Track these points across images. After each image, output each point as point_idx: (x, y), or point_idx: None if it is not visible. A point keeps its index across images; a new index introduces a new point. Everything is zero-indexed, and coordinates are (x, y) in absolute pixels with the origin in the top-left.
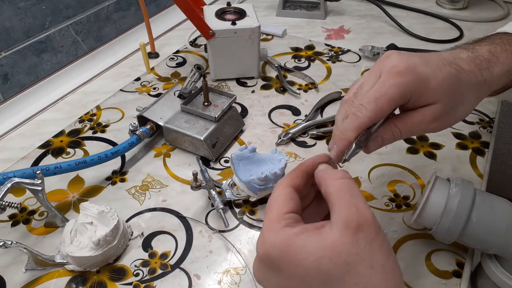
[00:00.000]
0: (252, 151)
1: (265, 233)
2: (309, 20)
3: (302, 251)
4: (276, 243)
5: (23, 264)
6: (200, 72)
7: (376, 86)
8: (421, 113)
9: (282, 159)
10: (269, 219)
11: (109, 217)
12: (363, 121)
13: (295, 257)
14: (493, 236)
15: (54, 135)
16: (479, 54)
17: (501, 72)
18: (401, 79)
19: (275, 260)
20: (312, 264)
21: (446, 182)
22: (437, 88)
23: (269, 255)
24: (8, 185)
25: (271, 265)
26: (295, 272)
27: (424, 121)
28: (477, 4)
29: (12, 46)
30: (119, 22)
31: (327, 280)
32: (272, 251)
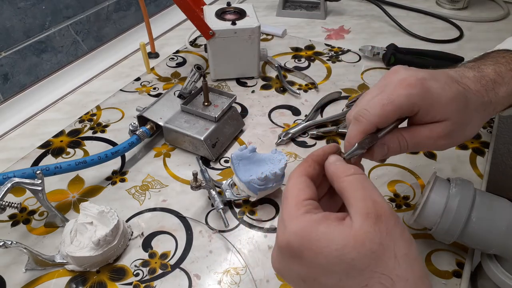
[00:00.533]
0: (252, 151)
1: (285, 221)
2: (309, 20)
3: (325, 238)
4: (297, 230)
5: (23, 264)
6: (200, 72)
7: (383, 94)
8: (430, 129)
9: (282, 159)
10: (288, 207)
11: (109, 217)
12: (365, 126)
13: (317, 244)
14: (493, 236)
15: (54, 135)
16: (485, 74)
17: (506, 93)
18: (411, 90)
19: (296, 248)
20: (334, 252)
21: (446, 182)
22: (446, 105)
23: (290, 243)
24: (8, 185)
25: (292, 254)
26: (316, 260)
27: (432, 136)
28: (477, 4)
29: (12, 46)
30: (119, 22)
31: (350, 269)
32: (293, 238)
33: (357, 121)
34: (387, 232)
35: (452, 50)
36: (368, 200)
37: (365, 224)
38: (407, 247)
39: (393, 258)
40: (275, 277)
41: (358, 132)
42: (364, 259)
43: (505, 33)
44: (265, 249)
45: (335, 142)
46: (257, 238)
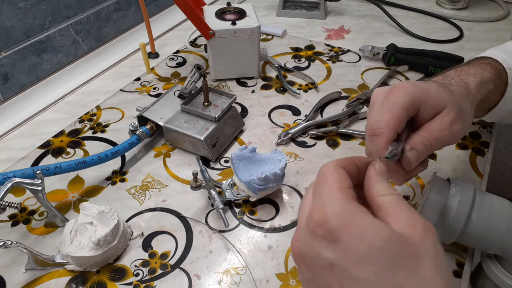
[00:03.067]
0: (252, 151)
1: (325, 199)
2: (309, 20)
3: (370, 227)
4: (340, 211)
5: (23, 264)
6: (200, 72)
7: (384, 103)
8: (439, 120)
9: (282, 159)
10: (330, 189)
11: (109, 217)
12: (385, 135)
13: (362, 231)
14: (493, 236)
15: (54, 135)
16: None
17: (476, 82)
18: (407, 90)
19: (335, 228)
20: (379, 241)
21: (446, 182)
22: (439, 94)
23: (328, 223)
24: (8, 185)
25: (328, 235)
26: (356, 246)
27: (445, 125)
28: (477, 4)
29: (12, 46)
30: (119, 22)
31: (390, 264)
32: (334, 219)
33: (374, 136)
34: (433, 243)
35: (452, 50)
36: (414, 215)
37: (412, 230)
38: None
39: (434, 267)
40: (275, 277)
41: (382, 143)
42: (406, 259)
43: (505, 33)
44: (265, 249)
45: (335, 142)
46: (257, 238)
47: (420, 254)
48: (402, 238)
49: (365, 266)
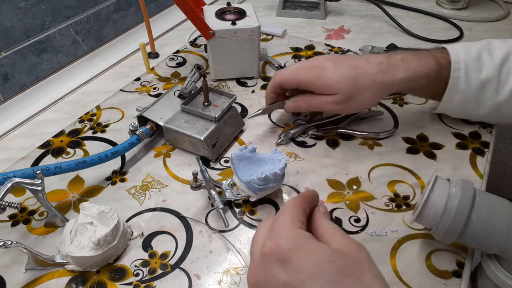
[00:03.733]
0: (252, 151)
1: (276, 230)
2: (309, 20)
3: (316, 248)
4: (290, 237)
5: (23, 264)
6: (200, 72)
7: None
8: (324, 98)
9: (282, 159)
10: (282, 221)
11: (109, 217)
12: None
13: (309, 250)
14: (493, 236)
15: (54, 135)
16: (391, 59)
17: (404, 76)
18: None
19: (285, 250)
20: (325, 257)
21: (446, 182)
22: (336, 83)
23: (279, 247)
24: (8, 185)
25: (280, 258)
26: (307, 263)
27: (325, 102)
28: (477, 4)
29: (12, 46)
30: (119, 22)
31: (337, 275)
32: (284, 242)
33: (272, 79)
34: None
35: None
36: (348, 238)
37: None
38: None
39: (372, 276)
40: None
41: (269, 86)
42: (349, 269)
43: (505, 33)
44: None
45: (335, 142)
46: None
47: (359, 265)
48: (343, 253)
49: (316, 279)
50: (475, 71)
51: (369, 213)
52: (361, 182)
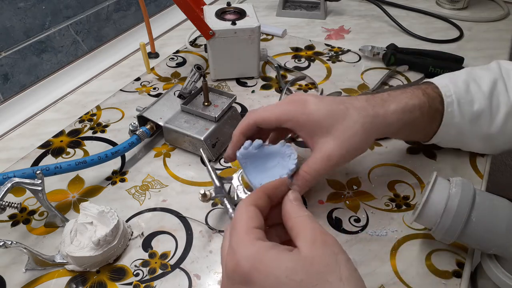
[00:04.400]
0: (258, 147)
1: (234, 247)
2: (309, 20)
3: (275, 261)
4: (247, 255)
5: (23, 264)
6: (200, 72)
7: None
8: (318, 151)
9: (292, 154)
10: (238, 234)
11: (109, 217)
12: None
13: (268, 266)
14: (493, 236)
15: (54, 135)
16: (378, 95)
17: (396, 107)
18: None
19: (246, 272)
20: (284, 273)
21: (446, 182)
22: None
23: (239, 268)
24: (8, 185)
25: (242, 279)
26: (267, 282)
27: (324, 154)
28: (477, 4)
29: (12, 46)
30: (119, 22)
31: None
32: (243, 263)
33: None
34: (333, 255)
35: (452, 50)
36: (316, 230)
37: (313, 248)
38: (351, 272)
39: (338, 280)
40: None
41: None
42: (311, 279)
43: (505, 33)
44: None
45: None
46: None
47: (322, 270)
48: (305, 262)
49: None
50: (467, 104)
51: (369, 213)
52: (361, 182)
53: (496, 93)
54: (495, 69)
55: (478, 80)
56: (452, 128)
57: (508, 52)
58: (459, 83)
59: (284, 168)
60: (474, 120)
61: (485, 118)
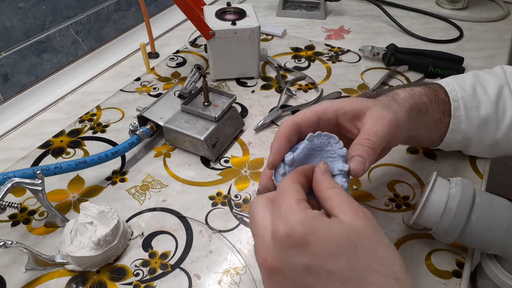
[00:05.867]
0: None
1: (285, 213)
2: (309, 20)
3: (331, 227)
4: (303, 220)
5: (23, 264)
6: (200, 72)
7: None
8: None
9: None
10: (289, 201)
11: (109, 217)
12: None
13: (326, 231)
14: (493, 236)
15: (54, 135)
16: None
17: (405, 93)
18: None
19: (302, 236)
20: (343, 238)
21: (446, 182)
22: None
23: (294, 232)
24: (8, 185)
25: (297, 243)
26: (326, 246)
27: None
28: (477, 4)
29: (12, 46)
30: (119, 22)
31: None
32: (299, 227)
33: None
34: (376, 226)
35: (452, 50)
36: (353, 203)
37: (357, 218)
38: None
39: (387, 247)
40: None
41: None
42: (366, 242)
43: (505, 33)
44: None
45: None
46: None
47: (371, 239)
48: (357, 230)
49: (339, 260)
50: (474, 109)
51: None
52: (361, 182)
53: (502, 98)
54: (500, 74)
55: (484, 85)
56: (459, 134)
57: (508, 52)
58: (466, 87)
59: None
60: (481, 126)
61: (491, 124)
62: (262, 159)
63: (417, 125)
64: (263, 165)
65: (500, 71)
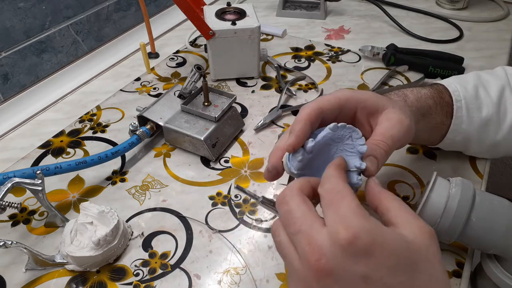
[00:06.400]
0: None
1: (348, 217)
2: (309, 20)
3: (395, 239)
4: (368, 228)
5: (23, 264)
6: (200, 72)
7: None
8: (385, 119)
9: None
10: (349, 205)
11: (109, 217)
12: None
13: (391, 245)
14: (493, 236)
15: (54, 135)
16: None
17: (413, 95)
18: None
19: (367, 244)
20: (405, 253)
21: (446, 182)
22: (376, 96)
23: (359, 239)
24: (8, 185)
25: (360, 251)
26: (388, 259)
27: (392, 123)
28: (477, 4)
29: (12, 46)
30: (119, 22)
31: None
32: (364, 235)
33: (308, 106)
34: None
35: (452, 50)
36: (418, 218)
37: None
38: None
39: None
40: (275, 277)
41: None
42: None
43: (505, 33)
44: (265, 249)
45: None
46: (257, 238)
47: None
48: (420, 248)
49: (396, 273)
50: (476, 110)
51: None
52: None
53: (503, 100)
54: (502, 75)
55: (486, 86)
56: (459, 134)
57: (508, 52)
58: (469, 88)
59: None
60: (482, 127)
61: (492, 125)
62: (262, 159)
63: (419, 128)
64: (263, 165)
65: (501, 72)
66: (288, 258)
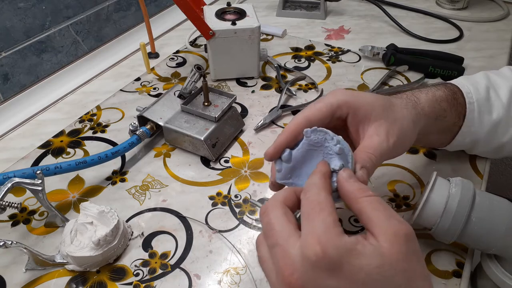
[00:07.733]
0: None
1: (321, 234)
2: (309, 20)
3: (364, 257)
4: (338, 245)
5: (23, 264)
6: (200, 72)
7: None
8: (375, 133)
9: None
10: (325, 222)
11: (109, 217)
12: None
13: (358, 261)
14: (493, 236)
15: (54, 135)
16: (404, 92)
17: (426, 98)
18: (339, 96)
19: (336, 261)
20: (375, 269)
21: (446, 182)
22: (373, 103)
23: (328, 256)
24: (8, 185)
25: (330, 266)
26: (357, 276)
27: (381, 139)
28: (477, 4)
29: (12, 46)
30: (119, 22)
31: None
32: (333, 252)
33: (292, 119)
34: (414, 252)
35: (452, 50)
36: (393, 219)
37: (396, 244)
38: (426, 269)
39: (422, 279)
40: None
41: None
42: (401, 277)
43: (505, 33)
44: None
45: None
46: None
47: (410, 271)
48: (392, 259)
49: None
50: (486, 113)
51: None
52: None
53: None
54: (510, 76)
55: (496, 88)
56: (469, 136)
57: (508, 52)
58: (481, 89)
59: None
60: (491, 129)
61: (501, 127)
62: (262, 159)
63: (431, 130)
64: (263, 165)
65: (509, 73)
66: (267, 272)
